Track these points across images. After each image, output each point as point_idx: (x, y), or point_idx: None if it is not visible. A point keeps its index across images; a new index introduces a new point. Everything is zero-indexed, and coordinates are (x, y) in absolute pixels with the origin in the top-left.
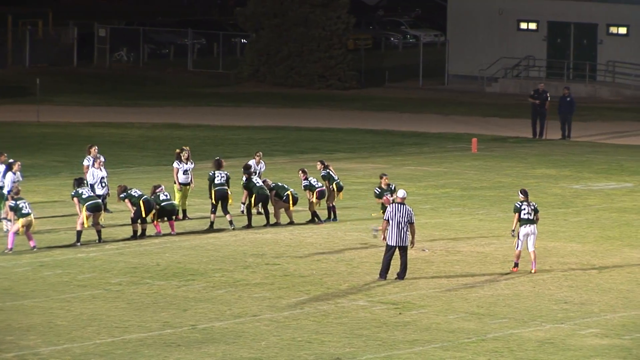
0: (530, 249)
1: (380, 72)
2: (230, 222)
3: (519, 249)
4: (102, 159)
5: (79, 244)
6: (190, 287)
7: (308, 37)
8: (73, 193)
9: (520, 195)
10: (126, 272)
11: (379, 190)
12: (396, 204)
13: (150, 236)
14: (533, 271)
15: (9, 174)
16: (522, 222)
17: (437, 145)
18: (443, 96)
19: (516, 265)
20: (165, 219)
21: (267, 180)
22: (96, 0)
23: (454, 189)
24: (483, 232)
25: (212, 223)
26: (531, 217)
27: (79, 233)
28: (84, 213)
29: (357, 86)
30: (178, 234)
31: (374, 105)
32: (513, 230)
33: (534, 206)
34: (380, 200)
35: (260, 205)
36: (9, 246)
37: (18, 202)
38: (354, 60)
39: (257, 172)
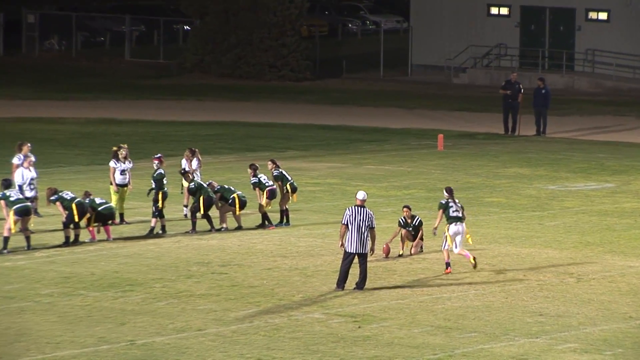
0: (456, 250)
1: (337, 61)
2: (163, 227)
3: (446, 248)
4: (32, 158)
5: (5, 251)
6: (128, 298)
7: (258, 23)
8: (0, 195)
9: (445, 193)
10: (58, 283)
11: (403, 221)
12: (355, 207)
13: (84, 243)
14: (473, 263)
15: None
16: (451, 219)
17: (399, 142)
18: (406, 88)
19: (448, 265)
20: (101, 223)
21: (212, 182)
22: None
23: (419, 190)
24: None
25: (152, 228)
26: (460, 215)
27: (6, 239)
28: (12, 217)
29: (312, 77)
30: (115, 240)
31: (330, 98)
32: (435, 229)
33: (460, 205)
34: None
35: (205, 208)
36: None
37: None
38: (308, 48)
39: (189, 171)
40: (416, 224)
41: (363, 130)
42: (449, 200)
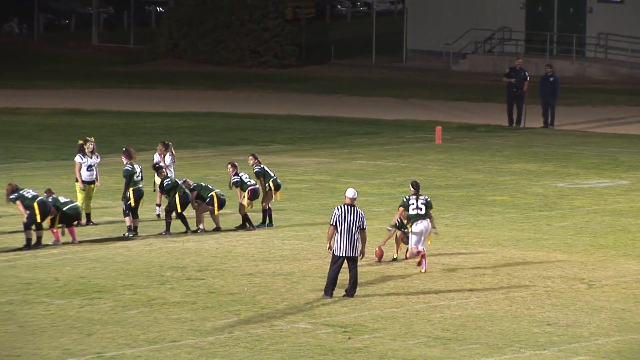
0: (420, 247)
1: (325, 46)
2: (135, 229)
3: (413, 246)
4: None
5: None
6: (95, 307)
7: (238, 4)
8: None
9: (411, 188)
10: (18, 289)
11: (399, 222)
12: (345, 206)
13: (47, 245)
14: (423, 271)
15: None
16: (413, 218)
17: (393, 135)
18: (401, 76)
19: (420, 264)
20: (66, 224)
21: (188, 180)
22: None
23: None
24: (449, 239)
25: (129, 228)
26: (421, 212)
27: None
28: None
29: (297, 64)
30: (80, 242)
31: (318, 87)
32: (393, 226)
33: (425, 200)
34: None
35: (177, 207)
36: None
37: None
38: (293, 32)
39: (162, 166)
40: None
41: (354, 122)
42: (411, 197)
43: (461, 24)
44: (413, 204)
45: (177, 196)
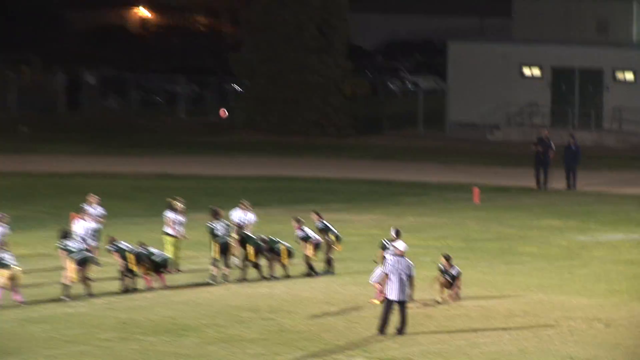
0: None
1: (379, 119)
2: (225, 277)
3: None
4: (95, 210)
5: (67, 298)
6: (182, 343)
7: (304, 83)
8: (61, 245)
9: (392, 234)
10: (116, 328)
11: (443, 269)
12: (396, 257)
13: (140, 290)
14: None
15: None
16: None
17: (437, 195)
18: (444, 144)
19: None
20: (156, 272)
21: (262, 235)
22: (85, 46)
23: (455, 241)
24: (485, 285)
25: (213, 276)
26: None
27: (67, 287)
28: (72, 266)
29: (355, 134)
30: (169, 287)
31: (373, 154)
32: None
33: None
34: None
35: (255, 257)
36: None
37: (1, 254)
38: (352, 107)
39: (245, 223)
40: (454, 272)
41: (403, 185)
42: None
43: (495, 100)
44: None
45: (250, 247)
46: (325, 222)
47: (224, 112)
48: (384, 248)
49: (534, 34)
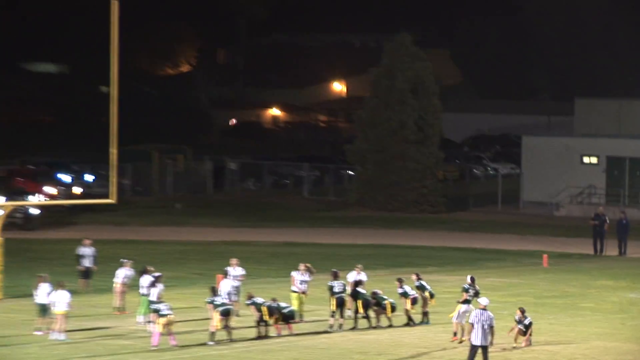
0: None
1: (465, 198)
2: (340, 326)
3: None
4: (241, 271)
5: (212, 343)
6: None
7: (405, 169)
8: (208, 300)
9: (468, 279)
10: None
11: (518, 320)
12: (480, 310)
13: (272, 337)
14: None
15: (146, 278)
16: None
17: (513, 260)
18: (518, 219)
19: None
20: (285, 322)
21: (378, 291)
22: (228, 139)
23: (528, 297)
24: (553, 334)
25: (331, 326)
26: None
27: (212, 334)
28: (217, 317)
29: (446, 210)
30: (295, 334)
31: (460, 227)
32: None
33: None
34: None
35: (364, 310)
36: (154, 343)
37: (158, 306)
38: (443, 188)
39: (360, 282)
40: (527, 323)
41: (485, 252)
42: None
43: (560, 183)
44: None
45: (360, 302)
46: (422, 281)
47: (232, 122)
48: (465, 290)
49: (591, 129)
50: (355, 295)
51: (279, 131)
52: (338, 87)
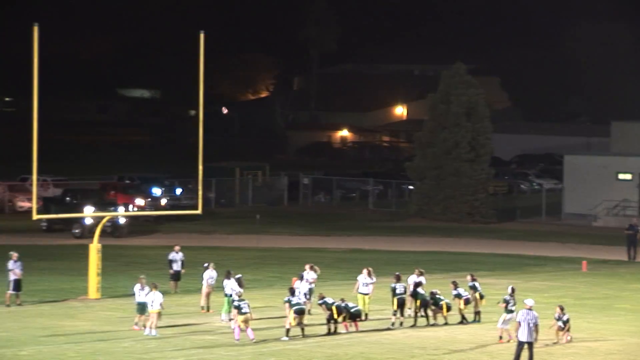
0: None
1: (513, 210)
2: (401, 323)
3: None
4: (311, 274)
5: (286, 338)
6: None
7: (459, 184)
8: (285, 299)
9: (509, 290)
10: None
11: (557, 317)
12: (525, 310)
13: (340, 333)
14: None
15: (230, 281)
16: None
17: (556, 265)
18: (560, 229)
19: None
20: (352, 320)
21: (436, 291)
22: (302, 157)
23: (569, 299)
24: (591, 331)
25: (393, 323)
26: (512, 309)
27: (287, 330)
28: (292, 315)
29: (496, 221)
30: (361, 331)
31: (508, 236)
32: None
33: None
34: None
35: (422, 309)
36: (237, 338)
37: (240, 303)
38: (493, 201)
39: (420, 283)
40: (565, 319)
41: (530, 257)
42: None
43: (598, 197)
44: (510, 302)
45: (419, 302)
46: (476, 282)
47: (225, 109)
48: (506, 302)
49: (626, 148)
50: (415, 295)
51: (347, 150)
52: (400, 110)
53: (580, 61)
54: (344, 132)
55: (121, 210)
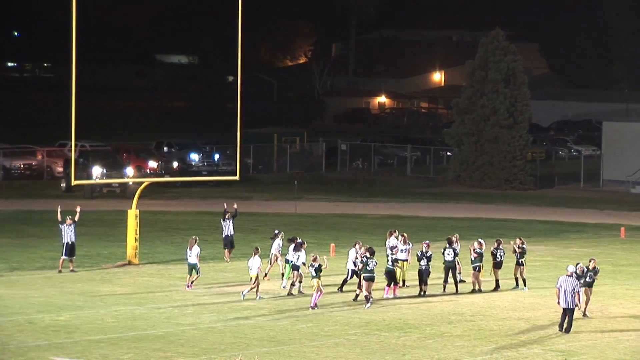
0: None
1: (551, 177)
2: (444, 287)
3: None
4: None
5: (368, 305)
6: (407, 337)
7: (497, 150)
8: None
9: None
10: (360, 326)
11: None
12: (565, 276)
13: (378, 299)
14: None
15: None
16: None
17: (594, 232)
18: (598, 196)
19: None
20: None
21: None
22: (340, 123)
23: (607, 265)
24: (629, 298)
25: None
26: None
27: (366, 297)
28: (365, 283)
29: (534, 188)
30: (398, 297)
31: (546, 202)
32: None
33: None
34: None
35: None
36: (313, 304)
37: (310, 269)
38: (532, 168)
39: (456, 250)
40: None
41: (569, 224)
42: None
43: (637, 163)
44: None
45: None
46: (524, 246)
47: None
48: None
49: None
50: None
51: (384, 116)
52: (437, 77)
53: (620, 28)
54: (382, 99)
55: (130, 171)
